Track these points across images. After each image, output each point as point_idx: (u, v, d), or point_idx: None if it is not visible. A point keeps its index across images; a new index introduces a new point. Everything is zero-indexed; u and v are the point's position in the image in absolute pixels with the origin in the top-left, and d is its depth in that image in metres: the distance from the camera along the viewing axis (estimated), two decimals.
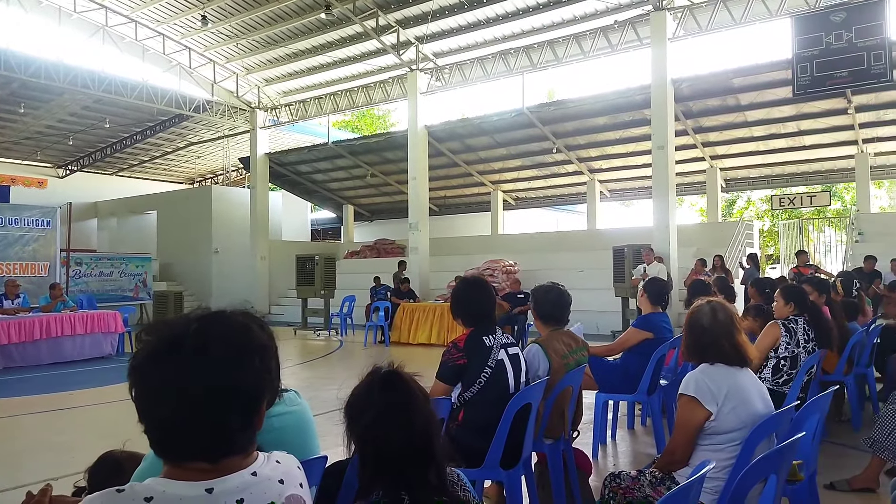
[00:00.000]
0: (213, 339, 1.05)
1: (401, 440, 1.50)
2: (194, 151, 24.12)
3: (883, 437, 3.82)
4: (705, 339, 2.62)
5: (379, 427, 1.51)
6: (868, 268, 9.84)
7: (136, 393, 1.04)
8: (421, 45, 15.48)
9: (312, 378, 8.60)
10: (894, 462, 3.79)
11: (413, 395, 1.58)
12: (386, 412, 1.52)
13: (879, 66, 10.81)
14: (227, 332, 1.07)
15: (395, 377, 1.61)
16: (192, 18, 15.83)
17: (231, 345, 1.06)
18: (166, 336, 1.05)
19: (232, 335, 1.07)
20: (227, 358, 1.04)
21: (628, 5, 13.21)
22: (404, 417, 1.52)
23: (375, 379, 1.61)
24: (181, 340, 1.04)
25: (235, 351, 1.06)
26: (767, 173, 17.63)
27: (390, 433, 1.50)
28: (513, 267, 15.33)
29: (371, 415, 1.52)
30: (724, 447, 2.48)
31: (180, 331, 1.05)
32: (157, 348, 1.05)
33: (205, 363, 1.02)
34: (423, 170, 16.23)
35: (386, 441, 1.50)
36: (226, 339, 1.06)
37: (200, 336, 1.04)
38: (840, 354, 5.26)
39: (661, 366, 4.78)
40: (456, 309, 3.21)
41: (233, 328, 1.09)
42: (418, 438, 1.51)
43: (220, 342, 1.05)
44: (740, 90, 14.02)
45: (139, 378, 1.04)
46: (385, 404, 1.54)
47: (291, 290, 16.77)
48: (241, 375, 1.05)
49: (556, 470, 3.40)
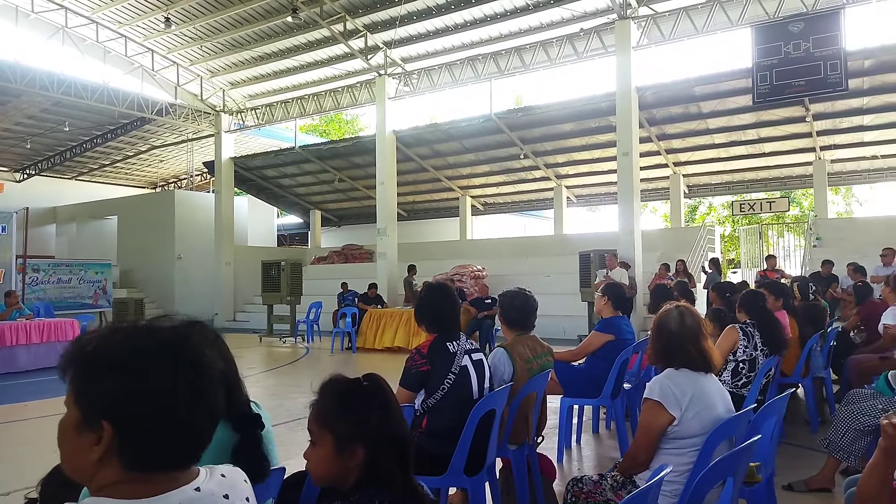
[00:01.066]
0: (205, 345, 1.05)
1: (391, 445, 1.50)
2: (157, 155, 23.67)
3: (838, 437, 3.91)
4: (672, 343, 2.64)
5: (377, 431, 1.50)
6: (825, 272, 10.10)
7: (129, 398, 0.98)
8: (389, 50, 15.45)
9: (278, 386, 8.47)
10: (849, 462, 3.88)
11: (394, 403, 1.59)
12: (381, 419, 1.53)
13: (835, 76, 11.13)
14: (212, 340, 1.08)
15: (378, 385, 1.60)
16: (155, 20, 15.55)
17: (218, 354, 1.07)
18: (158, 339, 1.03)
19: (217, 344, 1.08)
20: (212, 365, 1.04)
21: (594, 14, 13.39)
22: (392, 423, 1.53)
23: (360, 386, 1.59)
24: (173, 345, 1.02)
25: (221, 358, 1.07)
26: (728, 180, 18.03)
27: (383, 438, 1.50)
28: (481, 272, 15.37)
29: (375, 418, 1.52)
30: (685, 451, 2.50)
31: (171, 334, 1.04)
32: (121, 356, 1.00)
33: (187, 372, 1.01)
34: (391, 175, 16.19)
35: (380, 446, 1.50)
36: (214, 346, 1.06)
37: (192, 342, 1.04)
38: (798, 357, 5.39)
39: (624, 370, 4.83)
40: (420, 315, 3.19)
41: (214, 338, 1.10)
42: (401, 444, 1.52)
43: (211, 349, 1.06)
44: (702, 98, 14.32)
45: (113, 389, 0.98)
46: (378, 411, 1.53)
47: (257, 296, 16.55)
48: (213, 383, 1.04)
49: (521, 476, 3.40)
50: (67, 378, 1.01)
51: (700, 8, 12.55)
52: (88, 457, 0.98)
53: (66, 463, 1.02)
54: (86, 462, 0.98)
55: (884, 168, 16.33)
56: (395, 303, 14.66)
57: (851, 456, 3.87)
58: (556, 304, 13.33)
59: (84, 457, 0.98)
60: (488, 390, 3.11)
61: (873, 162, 16.10)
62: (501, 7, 13.70)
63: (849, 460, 3.88)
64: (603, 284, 5.16)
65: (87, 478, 1.00)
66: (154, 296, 19.88)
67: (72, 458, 1.01)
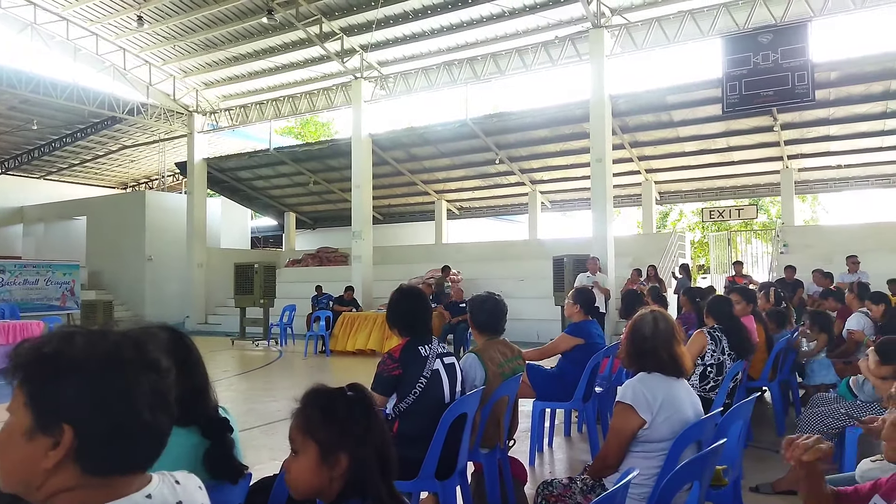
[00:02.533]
0: (152, 347, 1.04)
1: (375, 454, 1.49)
2: (128, 155, 23.27)
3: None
4: (645, 347, 2.67)
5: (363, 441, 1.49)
6: (789, 277, 10.32)
7: (90, 400, 0.96)
8: (365, 54, 15.43)
9: (250, 390, 8.38)
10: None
11: (377, 413, 1.59)
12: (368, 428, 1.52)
13: (802, 86, 11.41)
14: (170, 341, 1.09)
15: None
16: (127, 19, 15.31)
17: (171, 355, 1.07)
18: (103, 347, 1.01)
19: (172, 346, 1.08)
20: (167, 367, 1.04)
21: (568, 22, 13.53)
22: (375, 432, 1.52)
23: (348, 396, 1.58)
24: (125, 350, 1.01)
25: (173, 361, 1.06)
26: (699, 187, 18.33)
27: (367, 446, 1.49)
28: (456, 276, 15.39)
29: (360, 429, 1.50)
30: (654, 455, 2.53)
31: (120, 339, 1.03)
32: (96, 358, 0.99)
33: (148, 373, 1.01)
34: (366, 178, 16.15)
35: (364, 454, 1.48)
36: (168, 349, 1.07)
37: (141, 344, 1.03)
38: (765, 361, 5.50)
39: (596, 373, 4.88)
40: (391, 319, 3.19)
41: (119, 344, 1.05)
42: (384, 453, 1.51)
43: (159, 351, 1.05)
44: (673, 107, 14.54)
45: (95, 385, 0.96)
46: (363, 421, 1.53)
47: (230, 299, 16.34)
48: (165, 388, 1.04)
49: (492, 479, 3.41)
50: (17, 381, 0.97)
51: (671, 18, 12.76)
52: (40, 464, 0.95)
53: (9, 475, 0.97)
54: (36, 470, 0.95)
55: (849, 177, 16.75)
56: (369, 306, 14.62)
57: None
58: (531, 309, 13.43)
59: (34, 465, 0.95)
60: (460, 394, 3.12)
61: (839, 171, 16.50)
62: (478, 13, 13.78)
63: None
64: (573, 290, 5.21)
65: (33, 487, 0.96)
66: (123, 298, 19.53)
67: (17, 468, 0.97)
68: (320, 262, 20.27)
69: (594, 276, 11.22)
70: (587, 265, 11.63)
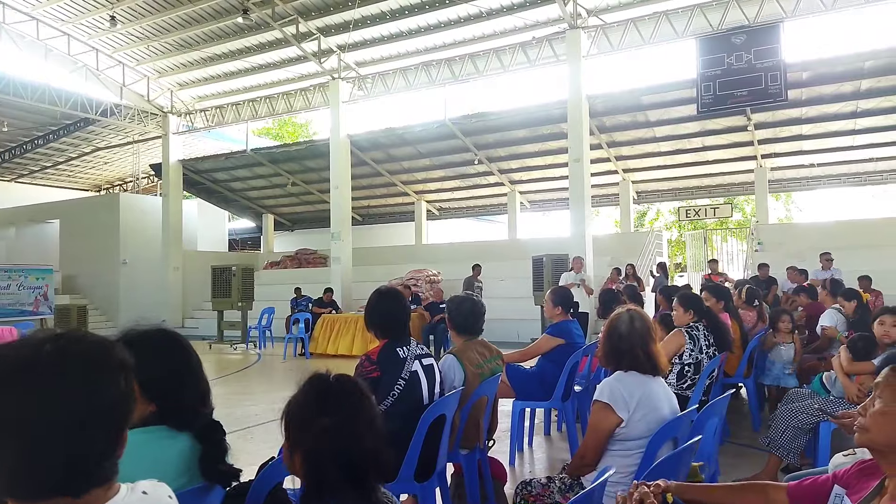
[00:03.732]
0: (70, 359, 0.96)
1: (336, 457, 1.43)
2: (102, 157, 22.93)
3: (778, 435, 4.07)
4: (622, 346, 2.70)
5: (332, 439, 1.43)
6: (763, 275, 10.46)
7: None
8: (343, 54, 15.36)
9: (227, 394, 8.29)
10: (789, 459, 4.03)
11: (352, 412, 1.49)
12: (338, 424, 1.44)
13: (776, 87, 11.58)
14: (84, 351, 0.98)
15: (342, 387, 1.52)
16: (99, 18, 15.06)
17: (90, 365, 0.97)
18: (14, 358, 0.94)
19: (91, 354, 0.98)
20: (86, 379, 0.95)
21: (545, 23, 13.59)
22: (342, 434, 1.45)
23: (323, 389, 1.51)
24: (34, 362, 0.93)
25: (95, 371, 0.97)
26: (675, 186, 18.53)
27: (343, 445, 1.43)
28: (436, 276, 15.39)
29: (322, 426, 1.43)
30: (632, 453, 2.55)
31: (31, 352, 0.95)
32: (4, 372, 0.93)
33: (62, 386, 0.93)
34: (345, 179, 16.08)
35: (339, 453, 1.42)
36: (84, 358, 0.97)
37: (56, 357, 0.95)
38: (740, 358, 5.57)
39: (575, 372, 4.90)
40: (369, 321, 3.18)
41: (91, 346, 1.00)
42: (353, 457, 1.44)
43: (77, 362, 0.96)
44: (649, 107, 14.68)
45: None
46: (336, 416, 1.45)
47: (207, 302, 16.17)
48: (102, 399, 0.96)
49: (472, 480, 3.41)
50: None
51: (647, 19, 12.89)
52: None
53: None
54: None
55: (821, 175, 17.04)
56: (349, 308, 14.55)
57: (791, 453, 4.02)
58: (510, 308, 13.47)
59: None
60: (439, 395, 3.11)
61: (811, 170, 16.79)
62: (455, 14, 13.79)
63: (788, 458, 4.03)
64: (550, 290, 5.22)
65: None
66: (98, 302, 19.23)
67: None
68: (299, 264, 20.14)
69: (579, 274, 11.27)
70: (572, 264, 11.69)
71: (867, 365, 3.95)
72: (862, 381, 3.94)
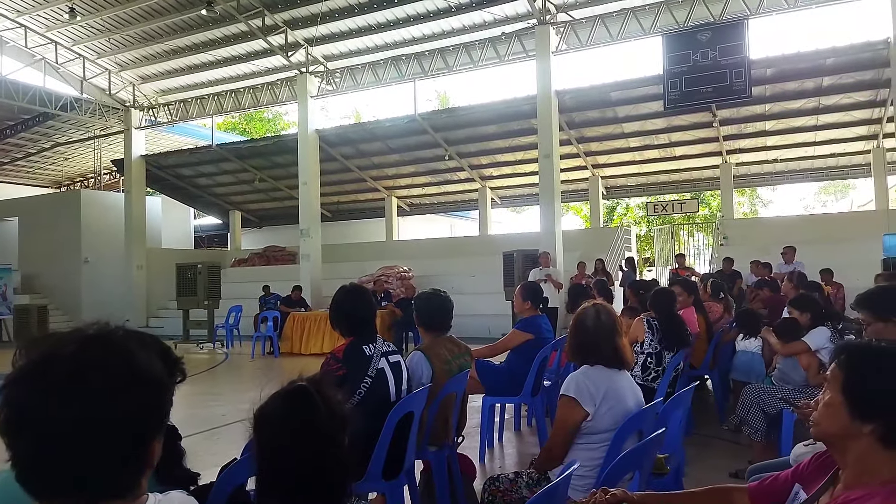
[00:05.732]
0: (90, 365, 0.93)
1: (278, 474, 1.37)
2: (62, 153, 22.33)
3: (746, 412, 4.18)
4: (588, 340, 2.71)
5: (289, 447, 1.37)
6: (727, 269, 10.64)
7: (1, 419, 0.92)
8: (310, 48, 15.16)
9: (192, 395, 8.10)
10: (757, 438, 4.12)
11: (319, 414, 1.43)
12: (297, 431, 1.39)
13: (740, 83, 11.76)
14: (108, 358, 0.95)
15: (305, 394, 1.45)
16: (58, 10, 14.62)
17: (111, 374, 0.94)
18: (37, 357, 0.94)
19: (115, 363, 0.95)
20: (104, 389, 0.93)
21: (514, 18, 13.60)
22: (279, 453, 1.39)
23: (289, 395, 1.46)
24: (53, 363, 0.93)
25: (116, 381, 0.94)
26: (643, 181, 18.75)
27: (298, 453, 1.37)
28: (407, 273, 15.33)
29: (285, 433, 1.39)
30: (598, 446, 2.56)
31: (53, 352, 0.94)
32: (24, 370, 0.93)
33: (77, 392, 0.91)
34: (314, 175, 15.90)
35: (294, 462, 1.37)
36: (105, 366, 0.94)
37: (76, 360, 0.93)
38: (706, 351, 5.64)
39: (544, 367, 4.91)
40: (334, 319, 3.12)
41: (117, 354, 0.97)
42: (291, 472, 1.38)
43: (98, 370, 0.93)
44: (618, 103, 14.81)
45: (4, 402, 0.92)
46: (295, 422, 1.40)
47: (172, 301, 15.87)
48: (119, 409, 0.93)
49: (441, 477, 3.39)
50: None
51: (615, 16, 12.98)
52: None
53: None
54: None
55: (785, 171, 17.41)
56: (319, 305, 14.40)
57: (759, 432, 4.11)
58: (482, 304, 13.48)
59: None
60: (406, 392, 3.08)
61: (775, 165, 17.14)
62: (424, 8, 13.71)
63: (757, 436, 4.11)
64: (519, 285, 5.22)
65: None
66: (59, 302, 18.73)
67: None
68: (267, 262, 19.88)
69: (546, 269, 11.30)
70: (539, 259, 11.72)
71: (800, 344, 4.32)
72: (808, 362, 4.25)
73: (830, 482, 1.50)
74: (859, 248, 11.89)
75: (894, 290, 2.80)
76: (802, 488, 1.60)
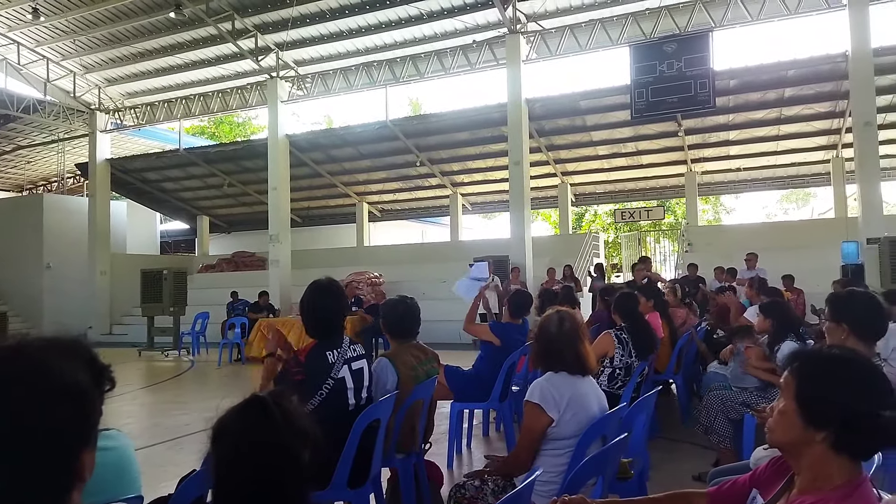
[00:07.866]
0: (2, 380, 0.91)
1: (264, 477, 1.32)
2: (24, 156, 21.76)
3: (710, 420, 4.23)
4: (552, 347, 2.73)
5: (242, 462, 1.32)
6: (692, 274, 10.85)
7: None
8: (281, 52, 15.06)
9: (156, 403, 7.97)
10: (723, 444, 4.18)
11: (277, 427, 1.35)
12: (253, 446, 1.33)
13: (704, 94, 12.02)
14: (22, 371, 0.92)
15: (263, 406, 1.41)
16: (20, 10, 14.25)
17: (27, 387, 0.91)
18: None
19: (29, 376, 0.92)
20: (19, 402, 0.90)
21: (485, 27, 13.70)
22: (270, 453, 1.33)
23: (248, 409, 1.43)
24: None
25: (32, 394, 0.91)
26: (611, 189, 19.01)
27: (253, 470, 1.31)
28: (378, 279, 15.28)
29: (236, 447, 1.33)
30: (563, 452, 2.58)
31: None
32: None
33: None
34: (284, 180, 15.76)
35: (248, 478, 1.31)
36: (19, 380, 0.91)
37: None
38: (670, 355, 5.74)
39: (512, 373, 4.94)
40: (302, 313, 3.10)
41: (31, 366, 0.94)
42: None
43: (10, 384, 0.91)
44: (587, 112, 15.01)
45: None
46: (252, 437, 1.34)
47: (136, 307, 15.56)
48: (38, 421, 0.91)
49: (408, 484, 3.38)
50: None
51: (584, 27, 13.17)
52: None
53: None
54: None
55: (748, 179, 17.83)
56: (289, 312, 14.25)
57: (726, 438, 4.18)
58: (452, 310, 13.45)
59: None
60: (367, 399, 3.06)
61: (738, 174, 17.53)
62: (396, 15, 13.73)
63: (724, 442, 4.18)
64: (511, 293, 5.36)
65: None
66: (19, 308, 18.21)
67: None
68: (236, 267, 19.63)
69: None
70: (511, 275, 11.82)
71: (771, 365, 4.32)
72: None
73: (787, 487, 1.53)
74: (819, 254, 12.20)
75: (858, 298, 2.88)
76: (759, 493, 1.64)
